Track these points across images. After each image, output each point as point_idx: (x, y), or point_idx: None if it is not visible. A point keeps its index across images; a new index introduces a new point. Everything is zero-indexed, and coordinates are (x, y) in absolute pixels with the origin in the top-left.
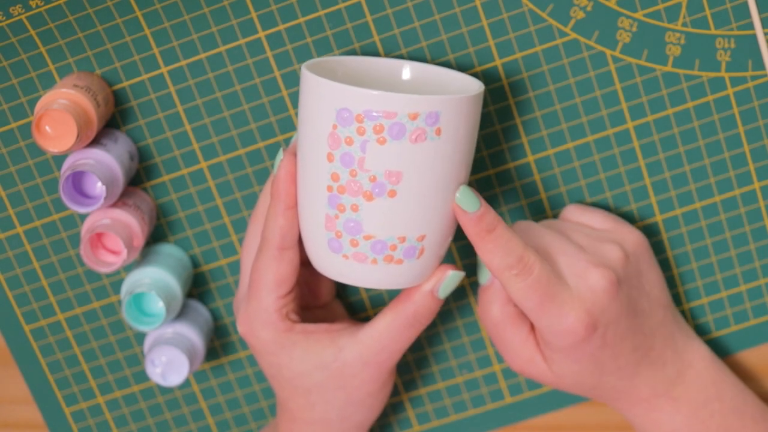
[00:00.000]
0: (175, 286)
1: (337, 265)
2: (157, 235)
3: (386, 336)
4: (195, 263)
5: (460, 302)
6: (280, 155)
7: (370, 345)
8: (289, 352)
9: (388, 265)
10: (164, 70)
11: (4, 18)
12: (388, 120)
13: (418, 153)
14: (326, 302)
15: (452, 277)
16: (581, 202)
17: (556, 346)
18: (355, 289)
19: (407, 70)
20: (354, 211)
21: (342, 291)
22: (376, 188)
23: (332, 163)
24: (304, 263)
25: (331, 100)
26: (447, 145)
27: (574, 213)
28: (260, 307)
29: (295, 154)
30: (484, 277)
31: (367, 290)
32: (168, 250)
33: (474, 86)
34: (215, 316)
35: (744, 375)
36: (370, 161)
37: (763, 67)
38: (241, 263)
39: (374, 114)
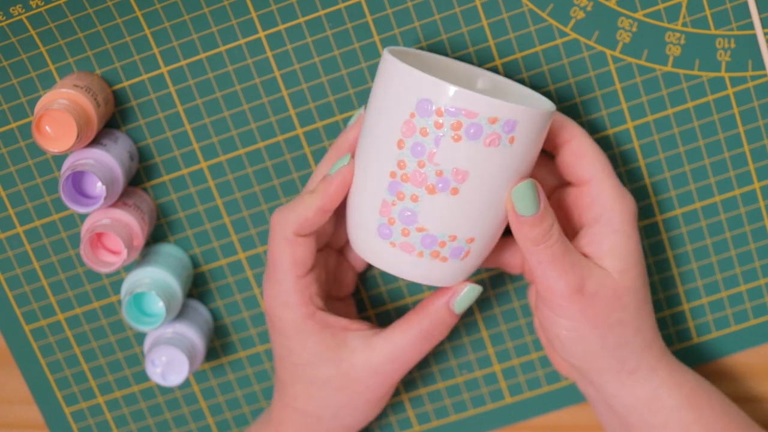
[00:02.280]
0: (175, 286)
1: (381, 252)
2: (157, 235)
3: (400, 347)
4: (195, 263)
5: None
6: (344, 159)
7: (382, 352)
8: (303, 339)
9: (433, 260)
10: (164, 70)
11: (4, 18)
12: (467, 119)
13: (489, 156)
14: (346, 295)
15: (469, 290)
16: None
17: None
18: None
19: (484, 79)
20: (413, 201)
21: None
22: (440, 183)
23: (402, 150)
24: (336, 251)
25: (415, 89)
26: (517, 154)
27: None
28: (281, 288)
29: (353, 166)
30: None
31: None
32: (168, 250)
33: (546, 104)
34: (215, 316)
35: (744, 375)
36: (440, 156)
37: (763, 67)
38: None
39: (455, 110)
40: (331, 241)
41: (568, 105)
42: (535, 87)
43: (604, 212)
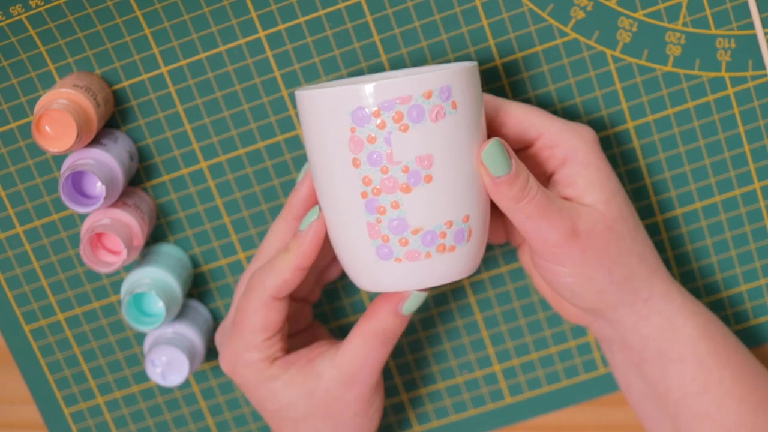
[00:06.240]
0: (175, 286)
1: (390, 274)
2: (157, 235)
3: (361, 355)
4: (195, 263)
5: (459, 302)
6: (313, 213)
7: (348, 367)
8: (270, 386)
9: (442, 255)
10: (164, 70)
11: (4, 18)
12: (404, 105)
13: (441, 131)
14: (307, 326)
15: (414, 297)
16: None
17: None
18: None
19: (395, 73)
20: (395, 208)
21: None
22: (411, 178)
23: (360, 167)
24: (293, 297)
25: (344, 105)
26: (465, 117)
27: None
28: (244, 347)
29: (323, 218)
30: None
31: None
32: (168, 250)
33: (465, 63)
34: (215, 316)
35: None
36: (398, 152)
37: (763, 67)
38: (235, 294)
39: (389, 103)
40: (293, 293)
41: (568, 105)
42: (535, 87)
43: (567, 153)
